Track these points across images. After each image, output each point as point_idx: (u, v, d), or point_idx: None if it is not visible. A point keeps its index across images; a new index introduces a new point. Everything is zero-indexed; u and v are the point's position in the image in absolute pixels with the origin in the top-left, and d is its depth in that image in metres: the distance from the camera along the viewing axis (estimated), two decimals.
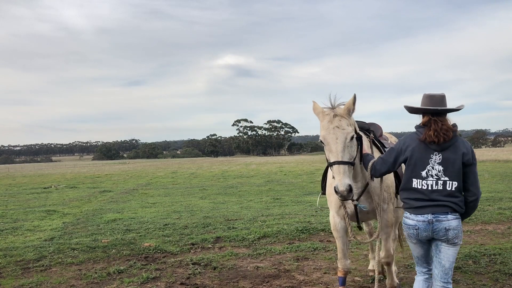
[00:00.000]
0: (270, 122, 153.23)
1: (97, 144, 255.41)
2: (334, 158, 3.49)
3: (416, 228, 3.27)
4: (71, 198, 16.68)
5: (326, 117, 3.62)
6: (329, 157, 3.56)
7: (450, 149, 3.23)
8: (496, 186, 15.36)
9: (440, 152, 3.24)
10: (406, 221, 3.36)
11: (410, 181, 3.33)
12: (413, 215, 3.30)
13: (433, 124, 3.24)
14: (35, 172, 52.39)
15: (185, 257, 6.52)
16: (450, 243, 3.22)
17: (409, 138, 3.41)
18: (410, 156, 3.33)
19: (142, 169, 46.49)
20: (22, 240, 8.26)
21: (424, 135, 3.26)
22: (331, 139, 3.53)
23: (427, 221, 3.22)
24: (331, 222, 4.30)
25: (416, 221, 3.27)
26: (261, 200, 13.77)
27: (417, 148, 3.30)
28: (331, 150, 3.52)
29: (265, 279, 5.40)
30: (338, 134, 3.52)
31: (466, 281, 5.04)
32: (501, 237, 7.19)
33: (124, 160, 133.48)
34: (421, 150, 3.29)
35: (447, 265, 3.27)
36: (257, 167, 40.58)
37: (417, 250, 3.43)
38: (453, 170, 3.21)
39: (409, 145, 3.36)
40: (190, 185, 21.98)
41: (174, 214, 10.92)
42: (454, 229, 3.20)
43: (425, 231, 3.25)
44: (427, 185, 3.25)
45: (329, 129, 3.56)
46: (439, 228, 3.20)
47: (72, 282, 5.50)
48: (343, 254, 4.28)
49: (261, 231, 8.06)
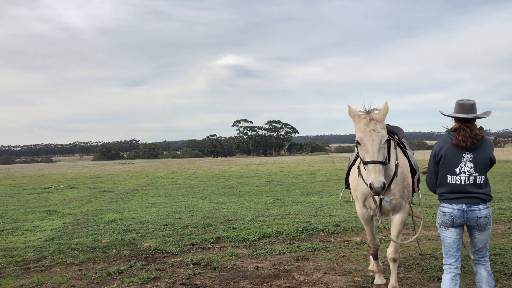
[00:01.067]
0: (270, 122, 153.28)
1: (97, 144, 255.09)
2: (370, 158, 3.87)
3: (452, 215, 3.70)
4: (71, 198, 16.69)
5: (363, 120, 4.02)
6: (365, 156, 3.94)
7: (479, 149, 3.71)
8: (496, 186, 15.36)
9: (471, 151, 3.71)
10: (443, 210, 3.78)
11: (445, 178, 3.78)
12: (449, 204, 3.74)
13: (462, 131, 3.71)
14: (35, 172, 52.41)
15: (185, 257, 6.53)
16: (481, 229, 3.70)
17: (443, 140, 3.86)
18: (444, 156, 3.77)
19: (142, 169, 46.52)
20: (22, 240, 8.27)
21: (455, 140, 3.73)
22: (368, 140, 3.92)
23: (462, 209, 3.67)
24: (359, 213, 4.81)
25: (452, 209, 3.71)
26: (261, 200, 13.78)
27: (450, 149, 3.76)
28: (367, 150, 3.90)
29: (265, 279, 5.40)
30: (374, 137, 3.92)
31: (466, 281, 5.04)
32: (501, 237, 7.20)
33: (124, 160, 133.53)
34: (454, 150, 3.74)
35: (480, 246, 3.79)
36: (257, 167, 40.60)
37: (449, 236, 3.78)
38: (482, 166, 3.71)
39: (443, 146, 3.81)
40: (190, 185, 21.98)
41: (174, 214, 10.92)
42: (484, 217, 3.66)
43: (459, 218, 3.69)
44: (460, 180, 3.70)
45: (365, 131, 3.96)
46: (472, 217, 3.66)
47: (72, 282, 5.50)
48: (372, 236, 4.93)
49: (261, 231, 8.06)
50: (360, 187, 4.58)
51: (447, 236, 3.79)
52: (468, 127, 3.70)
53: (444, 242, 3.82)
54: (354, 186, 4.81)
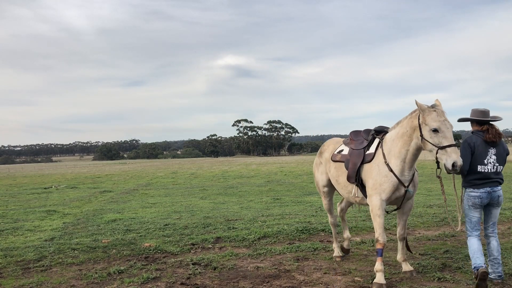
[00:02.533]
0: (270, 123, 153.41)
1: (98, 144, 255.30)
2: (449, 142, 4.59)
3: (481, 197, 4.85)
4: (72, 198, 16.70)
5: (434, 112, 4.70)
6: (442, 142, 4.60)
7: (499, 146, 4.92)
8: None
9: (494, 147, 4.88)
10: (471, 194, 4.88)
11: (476, 167, 4.85)
12: (477, 189, 4.85)
13: (490, 129, 4.89)
14: (36, 172, 52.44)
15: (185, 257, 6.53)
16: (499, 205, 4.97)
17: (474, 138, 4.91)
18: (476, 150, 4.86)
19: (142, 169, 46.55)
20: (22, 240, 8.27)
21: (486, 137, 4.85)
22: (445, 128, 4.64)
23: (487, 192, 4.84)
24: (377, 204, 5.15)
25: (480, 192, 4.84)
26: (261, 200, 13.78)
27: (480, 145, 4.86)
28: (446, 136, 4.61)
29: (265, 279, 5.40)
30: (448, 125, 4.68)
31: (466, 281, 5.05)
32: (501, 237, 7.20)
33: (125, 160, 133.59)
34: (483, 146, 4.86)
35: (495, 220, 5.06)
36: (257, 167, 40.62)
37: (476, 216, 4.95)
38: (502, 159, 4.92)
39: (475, 142, 4.87)
40: (190, 185, 21.99)
41: (175, 214, 10.93)
42: (501, 196, 4.94)
43: (486, 199, 4.86)
44: (487, 169, 4.84)
45: (441, 121, 4.66)
46: (494, 196, 4.88)
47: (73, 282, 5.50)
48: (383, 228, 5.22)
49: (261, 231, 8.07)
50: (391, 180, 5.10)
51: (474, 216, 4.94)
52: (494, 128, 4.91)
53: (471, 220, 4.95)
54: (380, 181, 5.16)
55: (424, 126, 4.73)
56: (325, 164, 6.22)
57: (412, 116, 5.03)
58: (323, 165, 6.28)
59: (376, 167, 5.23)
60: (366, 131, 5.78)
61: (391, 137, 5.27)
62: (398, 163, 5.07)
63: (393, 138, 5.21)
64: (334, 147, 6.16)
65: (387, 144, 5.26)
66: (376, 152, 5.37)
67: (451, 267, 5.58)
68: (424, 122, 4.73)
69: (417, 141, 4.90)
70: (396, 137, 5.17)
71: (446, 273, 5.36)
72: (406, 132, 5.03)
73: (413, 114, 5.01)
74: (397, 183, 5.07)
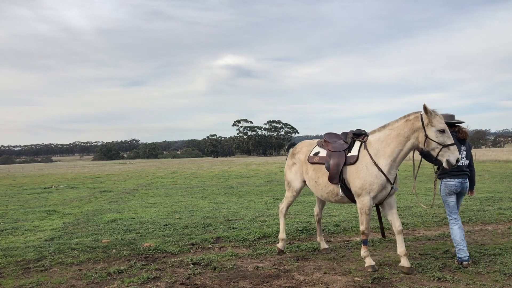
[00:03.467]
0: (270, 122, 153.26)
1: (97, 144, 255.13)
2: (452, 141, 5.17)
3: (456, 186, 5.69)
4: (72, 198, 16.69)
5: (437, 116, 5.24)
6: (447, 141, 5.15)
7: (466, 144, 5.84)
8: (496, 186, 15.37)
9: (464, 145, 5.80)
10: (448, 183, 5.70)
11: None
12: (453, 179, 5.68)
13: (460, 130, 5.83)
14: (36, 172, 52.43)
15: (185, 257, 6.53)
16: (464, 194, 5.91)
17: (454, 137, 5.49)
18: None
19: (142, 169, 46.53)
20: (22, 240, 8.27)
21: (459, 136, 5.77)
22: (447, 129, 5.23)
23: (461, 182, 5.72)
24: (369, 203, 5.54)
25: (456, 182, 5.69)
26: (261, 200, 13.78)
27: (457, 143, 5.55)
28: (449, 136, 5.19)
29: (265, 279, 5.40)
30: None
31: (466, 281, 5.05)
32: (501, 238, 7.20)
33: (124, 160, 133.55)
34: (457, 144, 5.59)
35: (460, 207, 6.12)
36: (257, 167, 40.60)
37: (453, 200, 5.76)
38: (468, 155, 5.83)
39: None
40: (190, 185, 21.99)
41: (174, 214, 10.93)
42: (468, 186, 5.84)
43: (460, 188, 5.73)
44: (461, 163, 5.67)
45: (444, 123, 5.23)
46: (465, 186, 5.79)
47: (73, 282, 5.50)
48: (369, 224, 5.71)
49: (261, 231, 8.07)
50: (380, 179, 5.46)
51: (451, 201, 5.76)
52: (462, 128, 5.86)
53: (449, 205, 5.76)
54: (369, 181, 5.49)
55: (430, 127, 5.21)
56: (300, 165, 6.43)
57: (411, 119, 5.41)
58: (297, 165, 6.50)
59: (365, 167, 5.55)
60: (344, 134, 6.06)
61: (378, 138, 5.62)
62: (387, 163, 5.48)
63: (382, 140, 5.57)
64: (308, 149, 6.41)
65: (374, 145, 5.61)
66: (360, 154, 5.66)
67: (451, 267, 5.58)
68: (431, 124, 5.21)
69: (414, 141, 5.36)
70: (386, 138, 5.53)
71: (446, 273, 5.36)
72: (403, 133, 5.41)
73: (412, 117, 5.40)
74: (385, 182, 5.48)
